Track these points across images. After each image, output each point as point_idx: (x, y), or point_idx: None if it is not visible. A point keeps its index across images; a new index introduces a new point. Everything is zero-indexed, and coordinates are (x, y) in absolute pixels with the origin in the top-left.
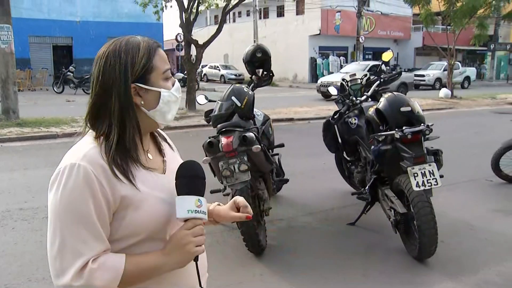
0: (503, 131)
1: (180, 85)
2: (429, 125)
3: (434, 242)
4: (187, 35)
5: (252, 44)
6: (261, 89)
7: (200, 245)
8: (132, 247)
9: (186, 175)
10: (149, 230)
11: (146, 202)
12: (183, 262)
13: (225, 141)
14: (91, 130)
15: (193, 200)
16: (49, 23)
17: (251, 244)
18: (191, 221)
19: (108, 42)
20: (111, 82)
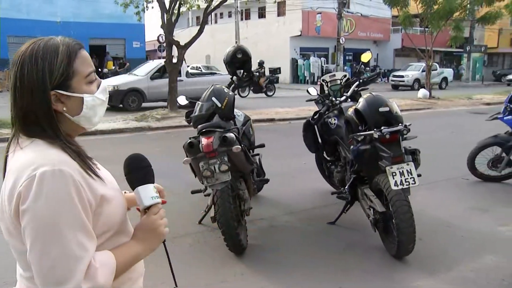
0: (479, 131)
1: (105, 88)
2: (407, 125)
3: (412, 240)
4: (168, 36)
5: (233, 45)
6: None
7: (166, 226)
8: (106, 242)
9: (140, 166)
10: (119, 224)
11: (115, 196)
12: (156, 245)
13: (205, 141)
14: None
15: (151, 187)
16: (28, 23)
17: (232, 244)
18: (155, 206)
19: (26, 43)
20: (31, 89)
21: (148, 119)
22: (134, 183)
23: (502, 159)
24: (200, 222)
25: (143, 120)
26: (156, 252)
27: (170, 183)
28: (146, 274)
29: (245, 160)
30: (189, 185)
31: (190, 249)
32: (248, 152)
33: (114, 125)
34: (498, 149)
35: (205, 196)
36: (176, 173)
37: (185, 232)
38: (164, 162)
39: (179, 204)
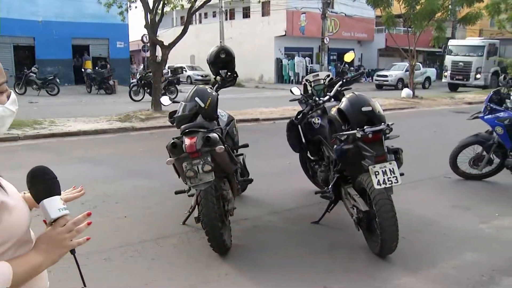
0: (461, 130)
1: (15, 99)
2: (389, 124)
3: (395, 239)
4: (152, 36)
5: (216, 45)
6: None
7: (72, 238)
8: (6, 252)
9: (44, 179)
10: (19, 235)
11: (16, 206)
12: (58, 257)
13: (188, 142)
14: None
15: (58, 199)
16: (9, 22)
17: (216, 244)
18: (63, 218)
19: None
20: None
21: (132, 119)
22: (39, 196)
23: (483, 157)
24: (184, 223)
25: (127, 121)
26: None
27: (153, 184)
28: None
29: (228, 160)
30: (173, 185)
31: (174, 250)
32: (231, 152)
33: (98, 125)
34: (479, 147)
35: (188, 196)
36: (160, 174)
37: (169, 233)
38: (148, 162)
39: (162, 205)
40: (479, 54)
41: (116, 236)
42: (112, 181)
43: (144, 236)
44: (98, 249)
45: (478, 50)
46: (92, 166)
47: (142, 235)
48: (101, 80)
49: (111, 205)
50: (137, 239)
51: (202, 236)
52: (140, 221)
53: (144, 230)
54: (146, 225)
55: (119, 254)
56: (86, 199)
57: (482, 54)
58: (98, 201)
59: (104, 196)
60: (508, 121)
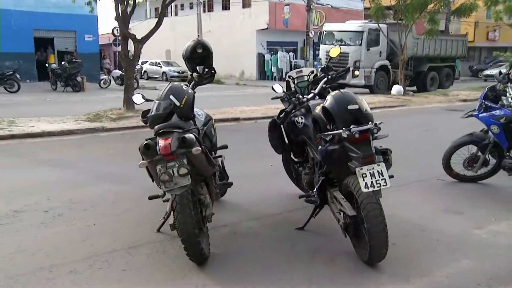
0: (454, 129)
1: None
2: (377, 124)
3: (384, 245)
4: (123, 29)
5: (192, 39)
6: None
7: None
8: None
9: None
10: None
11: None
12: None
13: (162, 143)
14: None
15: None
16: None
17: (192, 253)
18: None
19: None
20: None
21: (102, 119)
22: None
23: (478, 158)
24: (158, 230)
25: (96, 120)
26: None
27: (125, 189)
28: None
29: (206, 162)
30: (146, 190)
31: (148, 260)
32: (209, 154)
33: (64, 125)
34: (474, 148)
35: (163, 202)
36: (132, 178)
37: (142, 242)
38: (119, 165)
39: (135, 211)
40: (358, 43)
41: (84, 246)
42: (79, 186)
43: (115, 246)
44: (63, 261)
45: (356, 37)
46: (58, 170)
47: (112, 245)
48: (67, 77)
49: (78, 212)
50: (107, 249)
51: (178, 244)
52: (110, 229)
53: (114, 239)
54: (117, 234)
55: (87, 266)
56: (50, 206)
57: (361, 43)
58: (64, 208)
59: (71, 203)
60: (504, 119)
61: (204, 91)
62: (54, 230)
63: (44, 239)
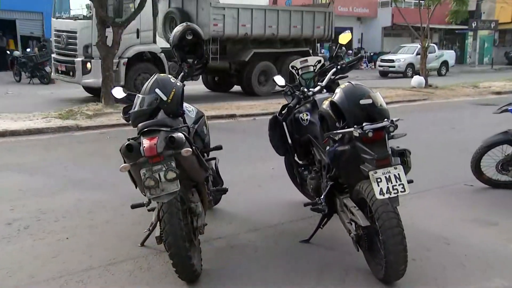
0: (485, 126)
1: None
2: (394, 121)
3: (403, 261)
4: (100, 11)
5: (181, 24)
6: None
7: None
8: None
9: None
10: None
11: None
12: None
13: (147, 143)
14: None
15: None
16: None
17: (182, 270)
18: None
19: None
20: None
21: (76, 116)
22: None
23: None
24: (142, 244)
25: (69, 118)
26: None
27: (104, 196)
28: None
29: (197, 165)
30: (129, 198)
31: (130, 278)
32: (201, 156)
33: (31, 123)
34: (510, 148)
35: (148, 211)
36: (112, 184)
37: (124, 257)
38: (97, 170)
39: (115, 222)
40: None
41: (54, 264)
42: (49, 194)
43: (91, 262)
44: (29, 281)
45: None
46: (23, 175)
47: (88, 261)
48: (34, 66)
49: (48, 224)
50: (82, 266)
51: (165, 259)
52: (86, 244)
53: (90, 255)
54: (94, 249)
55: (57, 286)
56: (14, 218)
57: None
58: (31, 219)
59: (39, 213)
60: None
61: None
62: (18, 246)
63: (7, 256)
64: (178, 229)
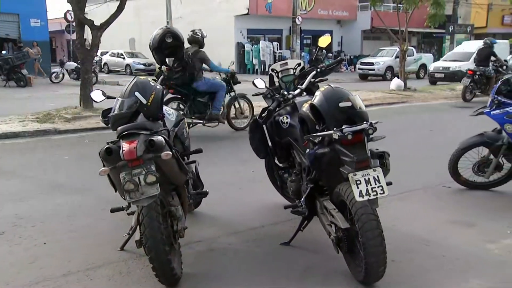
0: (463, 128)
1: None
2: (373, 123)
3: (382, 263)
4: (78, 13)
5: (161, 27)
6: None
7: None
8: None
9: None
10: None
11: None
12: None
13: (127, 147)
14: None
15: None
16: None
17: (162, 274)
18: None
19: None
20: None
21: (54, 119)
22: None
23: (490, 162)
24: (122, 248)
25: (47, 121)
26: None
27: (83, 200)
28: None
29: (177, 169)
30: (108, 202)
31: (109, 283)
32: (181, 159)
33: (7, 127)
34: (486, 150)
35: (128, 215)
36: (91, 188)
37: (103, 262)
38: (76, 174)
39: (94, 226)
40: None
41: (31, 269)
42: (26, 199)
43: (70, 267)
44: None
45: None
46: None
47: (66, 266)
48: (10, 69)
49: (25, 230)
50: (60, 272)
51: (145, 263)
52: (65, 249)
53: (69, 260)
54: (72, 253)
55: None
56: None
57: None
58: (7, 225)
59: (16, 218)
60: None
61: None
62: None
63: None
64: (158, 233)
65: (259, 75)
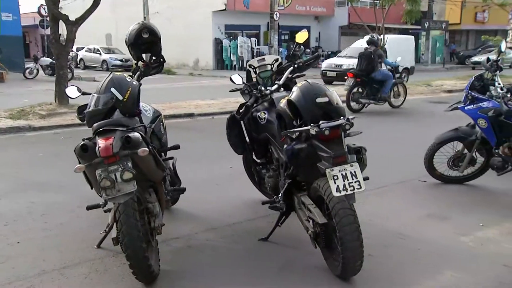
0: (438, 123)
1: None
2: (350, 119)
3: (359, 257)
4: (52, 8)
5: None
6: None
7: None
8: None
9: None
10: None
11: None
12: None
13: (103, 143)
14: None
15: None
16: None
17: (139, 271)
18: None
19: None
20: None
21: (28, 116)
22: None
23: (464, 156)
24: (98, 246)
25: (21, 118)
26: None
27: (58, 198)
28: None
29: (154, 165)
30: (84, 199)
31: (85, 282)
32: (158, 156)
33: None
34: (460, 144)
35: (104, 212)
36: (67, 185)
37: (79, 260)
38: (51, 171)
39: (70, 224)
40: None
41: (3, 269)
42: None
43: (44, 267)
44: None
45: None
46: None
47: (41, 265)
48: None
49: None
50: (34, 271)
51: (122, 261)
52: (39, 247)
53: (44, 259)
54: (47, 252)
55: None
56: None
57: None
58: None
59: None
60: (492, 112)
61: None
62: None
63: None
64: (135, 230)
65: (237, 71)
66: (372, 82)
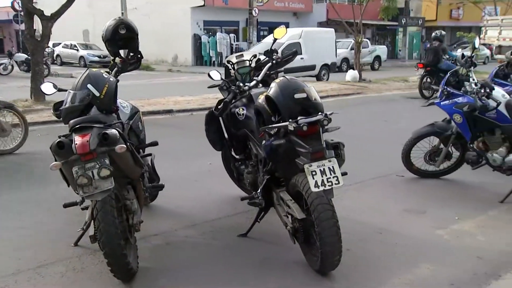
0: (415, 118)
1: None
2: (328, 114)
3: (337, 251)
4: (26, 2)
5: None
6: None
7: None
8: None
9: None
10: None
11: None
12: None
13: (79, 140)
14: None
15: None
16: None
17: (117, 269)
18: None
19: None
20: None
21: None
22: None
23: (440, 151)
24: (76, 244)
25: None
26: None
27: (33, 196)
28: None
29: (132, 162)
30: (60, 197)
31: (62, 280)
32: (136, 152)
33: None
34: (436, 139)
35: (82, 210)
36: (43, 183)
37: (55, 258)
38: (27, 169)
39: (47, 222)
40: None
41: None
42: None
43: (19, 266)
44: None
45: None
46: None
47: (15, 264)
48: None
49: None
50: (9, 271)
51: (100, 259)
52: (14, 246)
53: (19, 258)
54: (22, 251)
55: None
56: None
57: None
58: None
59: None
60: (467, 107)
61: (130, 79)
62: None
63: None
64: (112, 227)
65: (216, 67)
66: (438, 71)
